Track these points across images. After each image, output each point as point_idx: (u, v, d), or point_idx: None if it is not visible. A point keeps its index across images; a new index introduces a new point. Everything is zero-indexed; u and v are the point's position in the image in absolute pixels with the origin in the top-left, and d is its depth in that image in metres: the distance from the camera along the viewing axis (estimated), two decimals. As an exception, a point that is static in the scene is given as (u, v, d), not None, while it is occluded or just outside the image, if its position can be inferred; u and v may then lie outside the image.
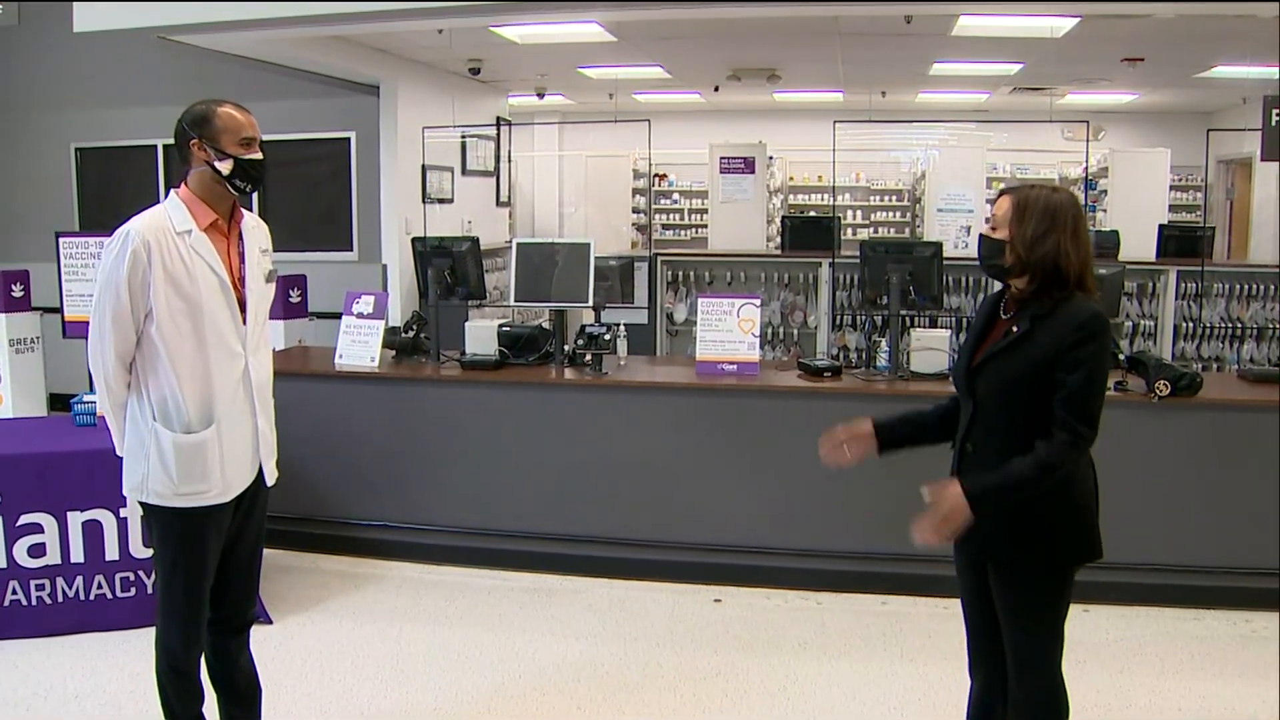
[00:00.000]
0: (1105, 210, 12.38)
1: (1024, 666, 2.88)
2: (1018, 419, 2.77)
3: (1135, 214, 10.92)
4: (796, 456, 5.27)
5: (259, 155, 3.15)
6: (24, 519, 4.53)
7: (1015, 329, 2.81)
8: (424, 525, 5.68)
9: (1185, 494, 5.00)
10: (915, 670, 4.40)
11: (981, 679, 3.08)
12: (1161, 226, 9.61)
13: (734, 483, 5.36)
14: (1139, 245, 9.44)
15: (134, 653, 4.33)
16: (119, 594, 4.68)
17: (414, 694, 4.20)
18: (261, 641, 3.66)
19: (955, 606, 3.12)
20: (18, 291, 7.07)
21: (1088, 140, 9.32)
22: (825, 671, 4.41)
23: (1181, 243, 9.14)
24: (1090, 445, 2.77)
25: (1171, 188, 12.88)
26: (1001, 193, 2.93)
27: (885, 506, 5.14)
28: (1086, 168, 11.70)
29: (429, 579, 5.47)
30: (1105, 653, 4.55)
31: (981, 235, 2.91)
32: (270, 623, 4.78)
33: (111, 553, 4.65)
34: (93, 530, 4.62)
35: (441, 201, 10.39)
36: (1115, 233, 9.63)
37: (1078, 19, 7.78)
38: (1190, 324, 8.52)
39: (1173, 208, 13.19)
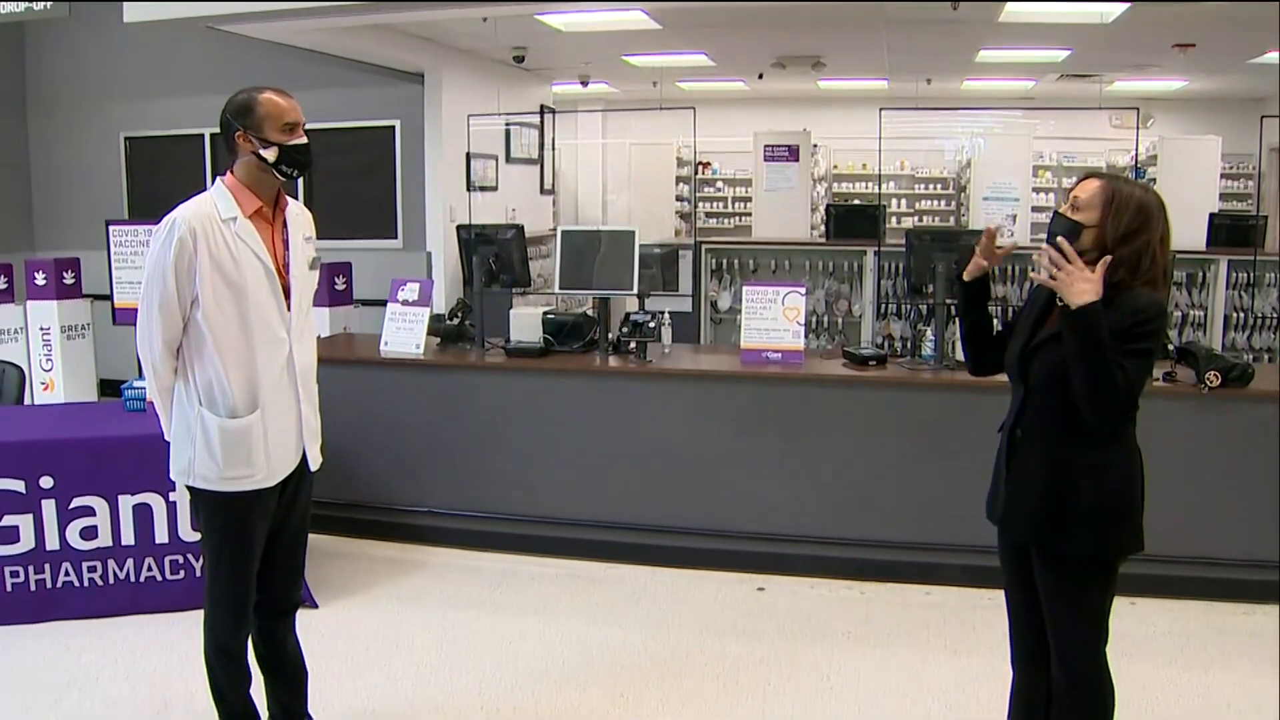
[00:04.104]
0: (1154, 199, 12.18)
1: (1068, 656, 2.85)
2: (1069, 405, 2.71)
3: (1185, 202, 10.67)
4: (841, 445, 5.26)
5: (304, 139, 3.16)
6: (76, 502, 4.61)
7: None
8: (469, 512, 5.71)
9: (1235, 486, 4.92)
10: (960, 661, 4.37)
11: (1025, 669, 3.05)
12: (1212, 215, 9.44)
13: (778, 471, 5.34)
14: (1189, 234, 9.27)
15: (183, 634, 4.39)
16: (168, 576, 4.75)
17: (458, 679, 4.22)
18: (307, 626, 3.69)
19: (1000, 597, 3.08)
20: (69, 279, 7.20)
21: (1137, 127, 9.14)
22: (869, 661, 4.39)
23: (1232, 232, 8.98)
24: (1124, 425, 2.76)
25: (1222, 176, 12.64)
26: (1088, 175, 2.86)
27: (931, 496, 5.13)
28: (1135, 155, 11.53)
29: (474, 565, 5.50)
30: (1153, 646, 4.50)
31: (1057, 212, 2.83)
32: (316, 607, 4.83)
33: (161, 535, 4.72)
34: (143, 513, 4.68)
35: (486, 189, 10.42)
36: (1165, 221, 9.49)
37: (1127, 5, 7.67)
38: (1241, 314, 8.38)
39: (1223, 196, 12.95)
